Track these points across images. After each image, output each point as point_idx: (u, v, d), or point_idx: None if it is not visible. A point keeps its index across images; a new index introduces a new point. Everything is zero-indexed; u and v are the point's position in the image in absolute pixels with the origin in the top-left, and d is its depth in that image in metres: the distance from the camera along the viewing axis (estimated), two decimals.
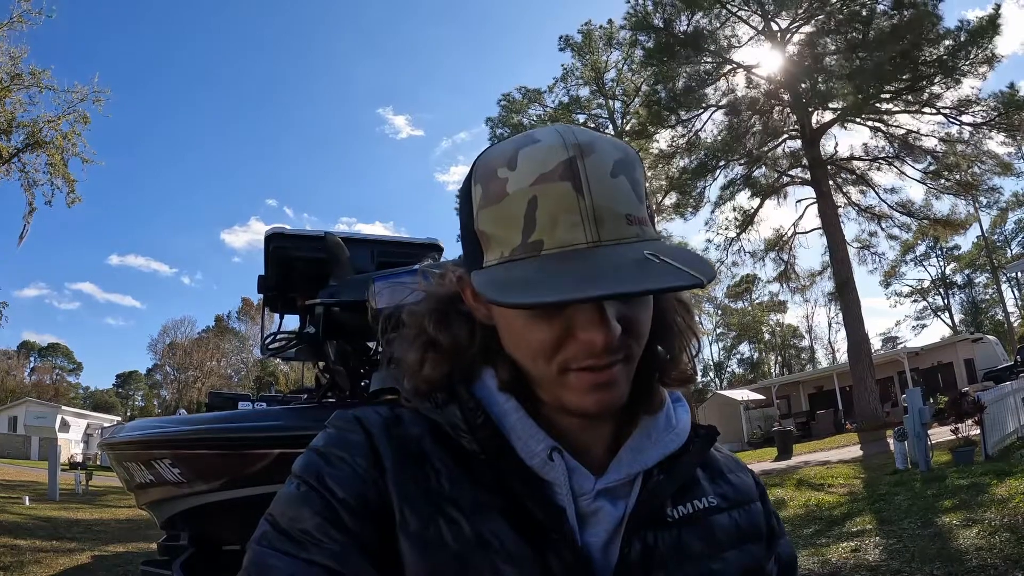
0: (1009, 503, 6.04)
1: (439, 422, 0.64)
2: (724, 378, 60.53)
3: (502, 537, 0.58)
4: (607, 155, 0.57)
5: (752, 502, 0.73)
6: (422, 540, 0.57)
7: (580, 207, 0.55)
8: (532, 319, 0.58)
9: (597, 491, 0.62)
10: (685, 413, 0.70)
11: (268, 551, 0.57)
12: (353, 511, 0.58)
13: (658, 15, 23.46)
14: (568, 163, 0.56)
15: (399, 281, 3.56)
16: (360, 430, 0.63)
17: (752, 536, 0.70)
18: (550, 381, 0.60)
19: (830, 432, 22.70)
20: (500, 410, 0.63)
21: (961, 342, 26.54)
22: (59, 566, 7.35)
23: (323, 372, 5.40)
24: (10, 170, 20.55)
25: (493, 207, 0.58)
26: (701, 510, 0.67)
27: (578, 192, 0.55)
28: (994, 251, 46.28)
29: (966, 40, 19.74)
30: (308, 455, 0.63)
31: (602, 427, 0.66)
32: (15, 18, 19.81)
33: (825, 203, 22.83)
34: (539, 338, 0.58)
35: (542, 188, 0.55)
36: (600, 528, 0.61)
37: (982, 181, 21.85)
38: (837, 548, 5.89)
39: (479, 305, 0.65)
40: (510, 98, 31.86)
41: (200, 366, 56.77)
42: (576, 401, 0.60)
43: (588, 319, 0.57)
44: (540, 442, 0.62)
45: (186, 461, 4.47)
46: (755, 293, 49.67)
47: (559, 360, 0.59)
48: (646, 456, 0.64)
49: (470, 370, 0.67)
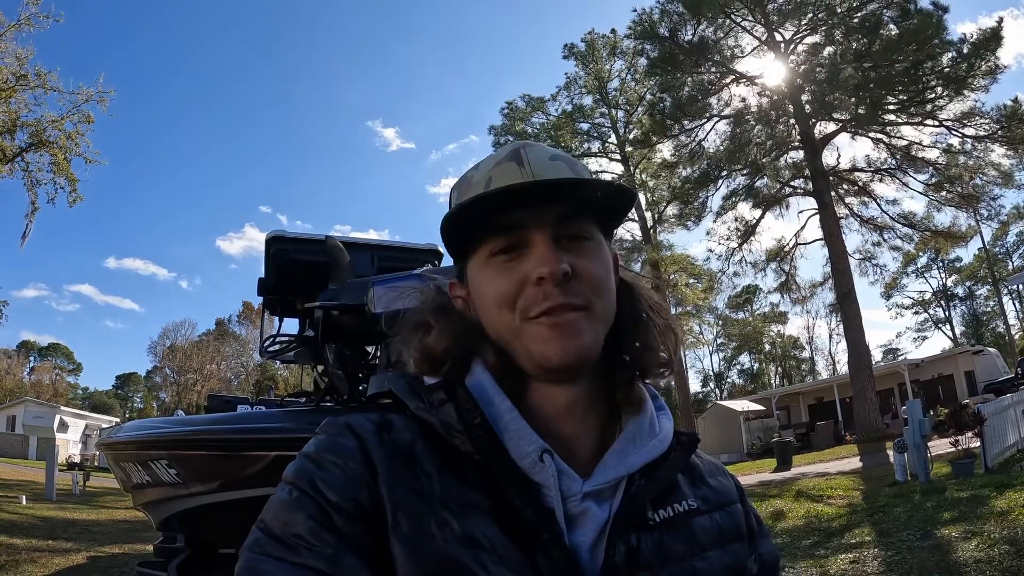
0: (1009, 516, 6.01)
1: (431, 423, 0.65)
2: (724, 389, 60.49)
3: (492, 538, 0.59)
4: (546, 149, 0.71)
5: (733, 503, 0.75)
6: (413, 542, 0.58)
7: (521, 172, 0.68)
8: (495, 273, 0.67)
9: (584, 493, 0.64)
10: (668, 421, 0.72)
11: (261, 557, 0.57)
12: (346, 514, 0.59)
13: (664, 24, 23.54)
14: (514, 151, 0.71)
15: (397, 285, 3.56)
16: (351, 435, 0.64)
17: (734, 536, 0.72)
18: (517, 333, 0.66)
19: (830, 443, 22.61)
20: (495, 411, 0.65)
21: (962, 354, 26.49)
22: (55, 566, 7.33)
23: (321, 376, 5.40)
24: (13, 169, 20.60)
25: (463, 196, 0.71)
26: (682, 513, 0.69)
27: (520, 166, 0.68)
28: (995, 263, 46.24)
29: (969, 52, 19.79)
30: (300, 461, 0.64)
31: (588, 426, 0.69)
32: (23, 20, 19.92)
33: (827, 214, 22.82)
34: (501, 289, 0.66)
35: (495, 170, 0.70)
36: (587, 529, 0.63)
37: (984, 193, 21.87)
38: (836, 560, 5.87)
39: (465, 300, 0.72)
40: (514, 106, 31.96)
41: (200, 369, 56.74)
42: (540, 350, 0.65)
43: (537, 255, 0.65)
44: (531, 443, 0.63)
45: (183, 462, 4.46)
46: (756, 304, 49.73)
47: (520, 308, 0.65)
48: (630, 461, 0.66)
49: (467, 359, 0.70)
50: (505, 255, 0.66)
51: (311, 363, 5.66)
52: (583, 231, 0.68)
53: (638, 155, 30.13)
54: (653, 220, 30.44)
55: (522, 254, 0.66)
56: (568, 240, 0.66)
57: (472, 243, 0.69)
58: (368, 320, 3.96)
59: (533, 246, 0.65)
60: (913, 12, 20.25)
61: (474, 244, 0.69)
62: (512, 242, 0.66)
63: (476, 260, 0.69)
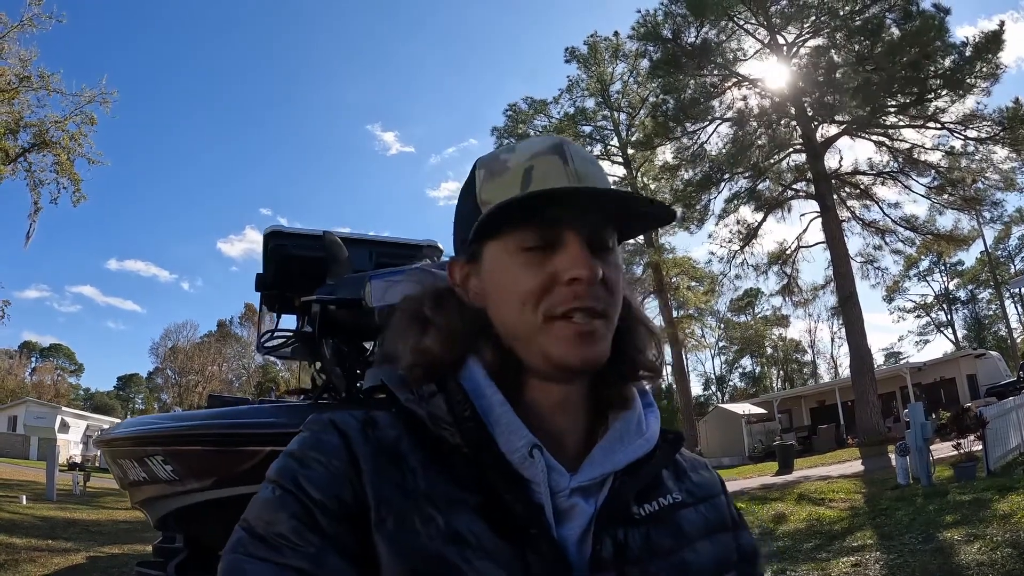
0: (1011, 519, 6.00)
1: (419, 415, 0.65)
2: (726, 392, 60.41)
3: (478, 533, 0.59)
4: (583, 150, 0.69)
5: (717, 496, 0.77)
6: (398, 539, 0.58)
7: (567, 171, 0.65)
8: (522, 267, 0.64)
9: (571, 489, 0.64)
10: (655, 420, 0.73)
11: (243, 558, 0.57)
12: (330, 513, 0.58)
13: (667, 26, 23.58)
14: (556, 145, 0.67)
15: (394, 279, 3.54)
16: (335, 432, 0.63)
17: (720, 527, 0.73)
18: (536, 331, 0.64)
19: (831, 447, 22.56)
20: (487, 403, 0.65)
21: (964, 358, 26.43)
22: (54, 565, 7.34)
23: (319, 372, 5.38)
24: (16, 170, 20.62)
25: (495, 179, 0.67)
26: (667, 506, 0.69)
27: (565, 163, 0.66)
28: (997, 267, 46.21)
29: (971, 55, 19.80)
30: (283, 459, 0.63)
31: (577, 422, 0.69)
32: (25, 21, 19.94)
33: (829, 217, 22.80)
34: (527, 285, 0.64)
35: (536, 160, 0.66)
36: (575, 524, 0.63)
37: (986, 196, 21.85)
38: (838, 563, 5.85)
39: (467, 284, 0.70)
40: (516, 109, 32.01)
41: (201, 370, 56.77)
42: (560, 352, 0.63)
43: (573, 256, 0.63)
44: (522, 438, 0.63)
45: (178, 458, 4.45)
46: (758, 307, 49.63)
47: (545, 307, 0.63)
48: (617, 458, 0.67)
49: (462, 353, 0.68)
50: (539, 251, 0.64)
51: (308, 359, 5.64)
52: (609, 240, 0.67)
53: (640, 158, 30.15)
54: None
55: (552, 252, 0.64)
56: (598, 244, 0.65)
57: (499, 229, 0.65)
58: (365, 314, 3.95)
59: (566, 245, 0.64)
60: (915, 14, 20.27)
61: (501, 231, 0.65)
62: (547, 239, 0.64)
63: (500, 247, 0.66)
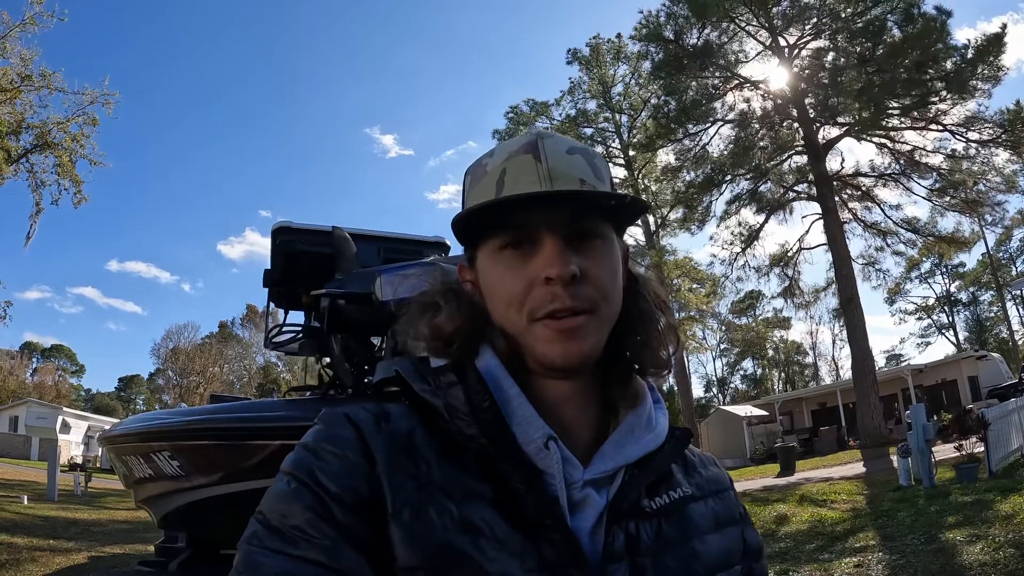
0: (1013, 520, 5.99)
1: (435, 405, 0.65)
2: (727, 394, 60.38)
3: (492, 523, 0.60)
4: (564, 141, 0.70)
5: (726, 490, 0.79)
6: (413, 529, 0.58)
7: (538, 170, 0.66)
8: (506, 270, 0.67)
9: (584, 480, 0.65)
10: (664, 417, 0.74)
11: (259, 550, 0.57)
12: (345, 505, 0.58)
13: (669, 27, 23.57)
14: (530, 143, 0.68)
15: (404, 274, 3.53)
16: (349, 425, 0.64)
17: (729, 521, 0.75)
18: (523, 331, 0.66)
19: (833, 449, 22.54)
20: (504, 395, 0.66)
21: (965, 359, 26.35)
22: (55, 565, 7.33)
23: (326, 367, 5.36)
24: (18, 170, 20.63)
25: (476, 184, 0.70)
26: (677, 499, 0.71)
27: (536, 160, 0.67)
28: (999, 269, 46.09)
29: (973, 57, 19.79)
30: (298, 451, 0.63)
31: (586, 416, 0.70)
32: (27, 20, 19.93)
33: (830, 219, 22.77)
34: (511, 288, 0.66)
35: (509, 163, 0.68)
36: (588, 516, 0.64)
37: (987, 198, 21.83)
38: (840, 564, 5.84)
39: (470, 281, 0.72)
40: (518, 110, 32.00)
41: (203, 371, 56.74)
42: (544, 351, 0.65)
43: (546, 256, 0.64)
44: (538, 430, 0.64)
45: (185, 453, 4.41)
46: (759, 309, 49.51)
47: (528, 309, 0.65)
48: (628, 452, 0.68)
49: (476, 340, 0.70)
50: (515, 249, 0.66)
51: (316, 354, 5.61)
52: (594, 229, 0.67)
53: (642, 159, 30.14)
54: (656, 224, 30.40)
55: (532, 251, 0.66)
56: (578, 240, 0.66)
57: (482, 235, 0.69)
58: (374, 309, 3.92)
59: (542, 245, 0.65)
60: (916, 17, 20.27)
61: (484, 235, 0.69)
62: (523, 240, 0.66)
63: (486, 250, 0.69)
